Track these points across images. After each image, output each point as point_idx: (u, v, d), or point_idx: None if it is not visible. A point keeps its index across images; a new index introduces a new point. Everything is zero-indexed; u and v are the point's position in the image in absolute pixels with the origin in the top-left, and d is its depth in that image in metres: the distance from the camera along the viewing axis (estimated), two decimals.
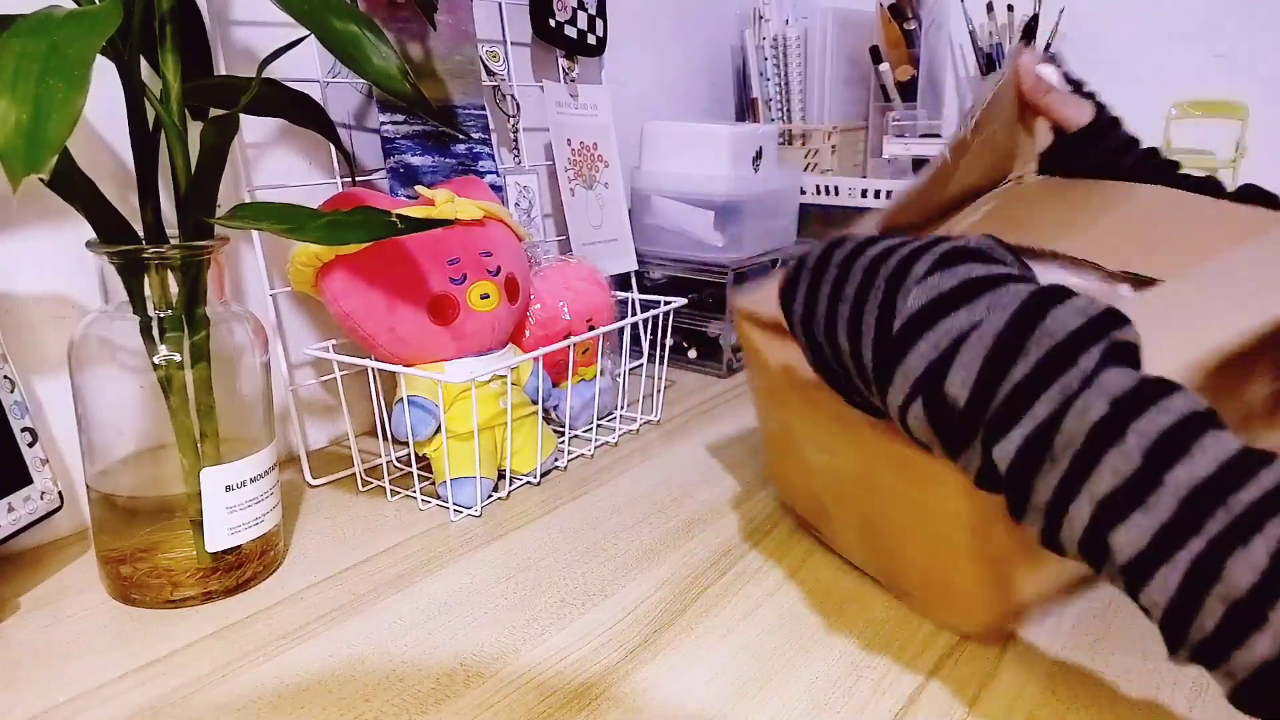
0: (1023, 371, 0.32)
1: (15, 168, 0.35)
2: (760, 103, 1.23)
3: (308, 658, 0.49)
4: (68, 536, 0.62)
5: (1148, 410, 0.31)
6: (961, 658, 0.48)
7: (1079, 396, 0.31)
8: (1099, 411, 0.31)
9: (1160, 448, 0.30)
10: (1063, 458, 0.32)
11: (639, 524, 0.64)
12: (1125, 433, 0.30)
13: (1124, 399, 0.31)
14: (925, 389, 0.35)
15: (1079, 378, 0.32)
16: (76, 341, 0.52)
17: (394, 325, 0.63)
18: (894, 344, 0.35)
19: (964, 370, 0.33)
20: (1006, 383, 0.33)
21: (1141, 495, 0.30)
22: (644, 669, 0.47)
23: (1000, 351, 0.33)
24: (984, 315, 0.33)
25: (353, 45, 0.50)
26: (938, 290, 0.34)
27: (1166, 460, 0.30)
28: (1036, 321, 0.33)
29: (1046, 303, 0.33)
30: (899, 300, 0.35)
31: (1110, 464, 0.30)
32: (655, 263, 1.00)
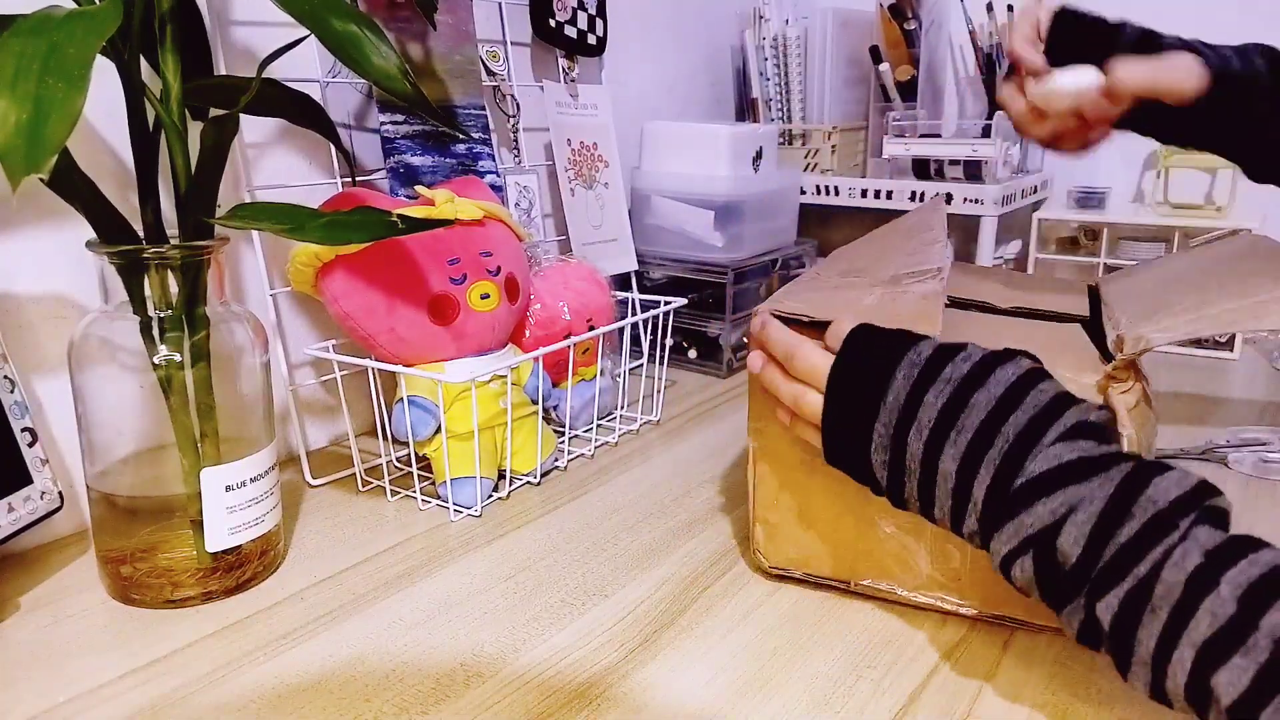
0: (1128, 533, 0.36)
1: (15, 168, 0.35)
2: (760, 103, 1.23)
3: (308, 658, 0.49)
4: (68, 536, 0.62)
5: (1239, 562, 0.34)
6: (961, 658, 0.48)
7: (1175, 550, 0.35)
8: (1194, 562, 0.34)
9: (1253, 595, 0.32)
10: (1162, 609, 0.34)
11: (639, 524, 0.64)
12: (1219, 581, 0.33)
13: (1216, 551, 0.34)
14: (1038, 545, 0.38)
15: (1178, 538, 0.35)
16: (76, 341, 0.52)
17: (394, 325, 0.63)
18: (1013, 498, 0.39)
19: (1075, 530, 0.37)
20: (1113, 544, 0.36)
21: (1239, 639, 0.32)
22: (644, 669, 0.47)
23: (1109, 515, 0.36)
24: (1095, 490, 0.37)
25: (353, 45, 0.50)
26: (1059, 460, 0.38)
27: (1260, 606, 0.32)
28: (1141, 490, 0.36)
29: (1150, 473, 0.37)
30: (1027, 461, 0.39)
31: (1207, 610, 0.33)
32: (655, 263, 1.00)
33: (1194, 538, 0.35)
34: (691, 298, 0.94)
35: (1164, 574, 0.34)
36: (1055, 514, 0.38)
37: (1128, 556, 0.36)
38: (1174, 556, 0.35)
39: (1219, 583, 0.33)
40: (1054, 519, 0.38)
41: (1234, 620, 0.32)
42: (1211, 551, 0.34)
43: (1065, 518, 0.37)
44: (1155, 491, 0.36)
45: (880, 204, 1.13)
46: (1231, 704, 0.32)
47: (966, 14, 1.16)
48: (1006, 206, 1.07)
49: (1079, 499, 0.37)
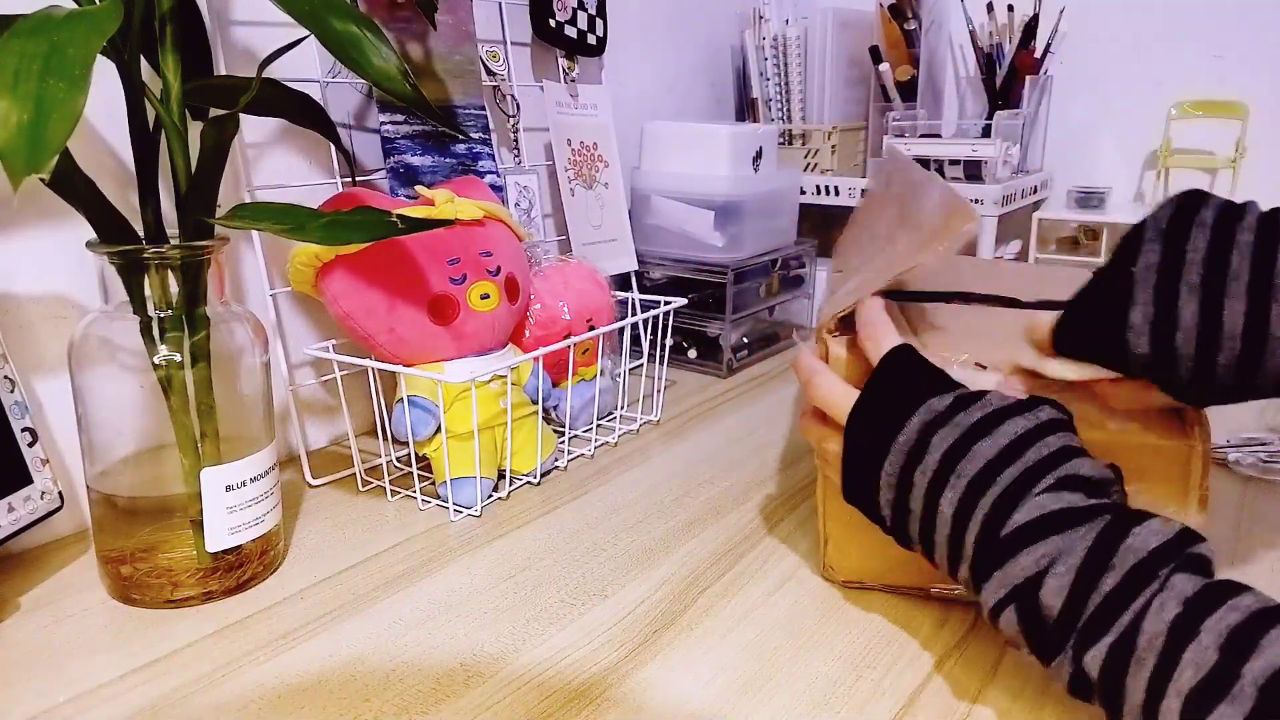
0: (1110, 584, 0.36)
1: (16, 168, 0.35)
2: (760, 103, 1.23)
3: (308, 658, 0.49)
4: (68, 536, 0.62)
5: (1218, 609, 0.34)
6: (961, 658, 0.48)
7: (1154, 599, 0.35)
8: (1173, 612, 0.34)
9: (1234, 642, 0.33)
10: (1148, 659, 0.34)
11: (639, 524, 0.64)
12: (1200, 630, 0.33)
13: (1195, 599, 0.34)
14: (1022, 596, 0.38)
15: (1158, 587, 0.35)
16: (76, 341, 0.52)
17: (394, 325, 0.63)
18: (1000, 549, 0.39)
19: (1057, 581, 0.37)
20: (1096, 594, 0.36)
21: (1224, 688, 0.32)
22: (644, 669, 0.47)
23: (1090, 566, 0.36)
24: (1076, 541, 0.37)
25: (353, 46, 0.50)
26: (1043, 510, 0.38)
27: (1242, 653, 0.32)
28: (1121, 540, 0.37)
29: (1131, 523, 0.37)
30: (1014, 511, 0.39)
31: (1191, 660, 0.33)
32: (655, 263, 1.00)
33: (1173, 586, 0.35)
34: (691, 298, 0.94)
35: (1145, 624, 0.35)
36: (1039, 565, 0.38)
37: (1111, 608, 0.36)
38: (1154, 606, 0.35)
39: (1199, 631, 0.33)
40: (1037, 570, 0.38)
41: (1217, 668, 0.33)
42: (1190, 600, 0.34)
43: (1048, 569, 0.37)
44: (1135, 541, 0.36)
45: None
46: None
47: (966, 14, 1.16)
48: (1006, 206, 1.07)
49: (1060, 550, 0.37)
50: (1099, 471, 0.41)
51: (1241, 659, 0.32)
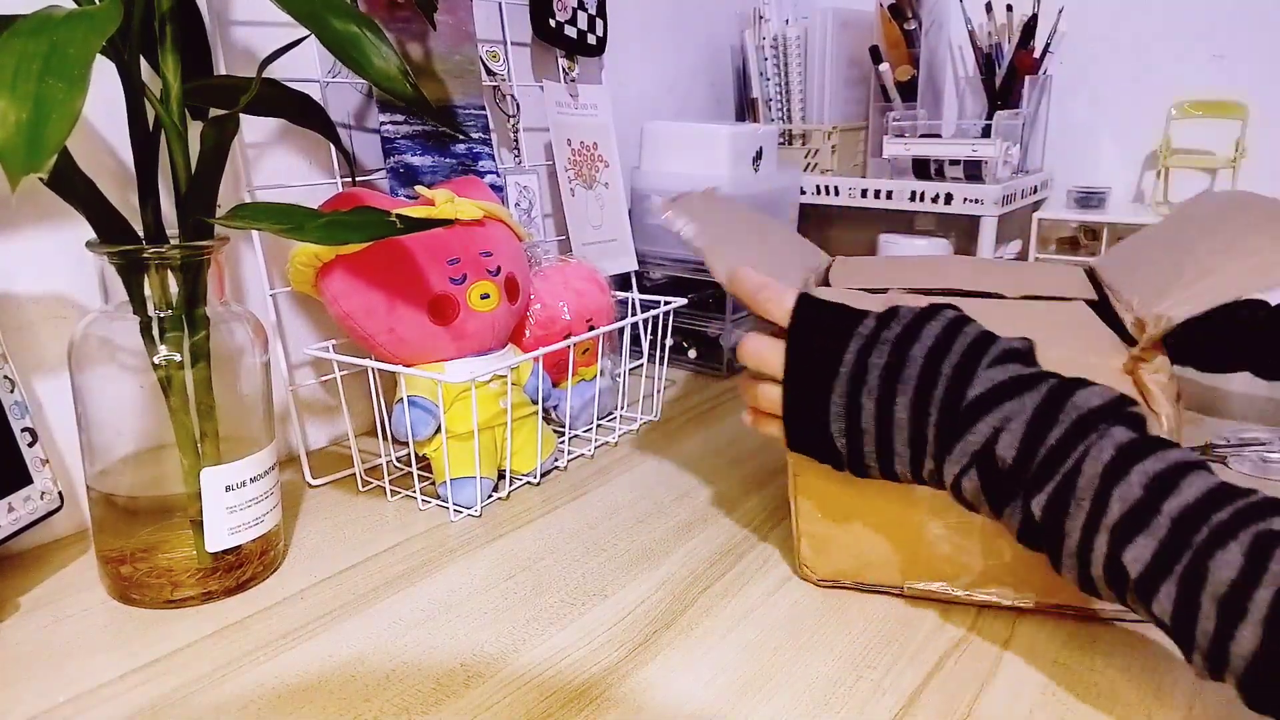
0: (1055, 437, 0.40)
1: (15, 168, 0.35)
2: (760, 103, 1.23)
3: (308, 658, 0.49)
4: (68, 536, 0.62)
5: (1148, 457, 0.38)
6: (961, 658, 0.48)
7: (1094, 447, 0.39)
8: (1108, 455, 0.38)
9: (1157, 482, 0.37)
10: (1085, 500, 0.38)
11: (639, 524, 0.64)
12: (1130, 471, 0.37)
13: (1128, 446, 0.38)
14: (980, 458, 0.42)
15: (1097, 437, 0.39)
16: (76, 341, 0.52)
17: (394, 325, 0.63)
18: (959, 424, 0.42)
19: (1010, 437, 0.41)
20: (1044, 446, 0.40)
21: (1144, 521, 0.36)
22: (644, 669, 0.47)
23: (1038, 422, 0.40)
24: (1026, 402, 0.41)
25: (353, 46, 0.50)
26: (994, 382, 0.42)
27: (1162, 493, 0.37)
28: (1066, 399, 0.41)
29: (1074, 387, 0.41)
30: (966, 390, 0.43)
31: (1118, 497, 0.37)
32: (655, 263, 1.00)
33: (1110, 436, 0.39)
34: (691, 298, 0.94)
35: (1084, 468, 0.38)
36: (993, 427, 0.41)
37: (1056, 457, 0.39)
38: (1092, 452, 0.39)
39: (1129, 473, 0.37)
40: (993, 432, 0.41)
41: (1139, 504, 0.37)
42: (1124, 446, 0.38)
43: (1002, 429, 0.41)
44: (1079, 399, 0.40)
45: (880, 204, 1.13)
46: (1137, 578, 0.37)
47: (966, 14, 1.16)
48: (1006, 206, 1.07)
49: (1013, 412, 0.41)
50: (1024, 344, 0.45)
51: (1162, 497, 0.36)
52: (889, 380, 0.45)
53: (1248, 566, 0.33)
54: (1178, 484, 0.37)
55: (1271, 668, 0.33)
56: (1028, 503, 0.40)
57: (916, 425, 0.44)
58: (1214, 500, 0.36)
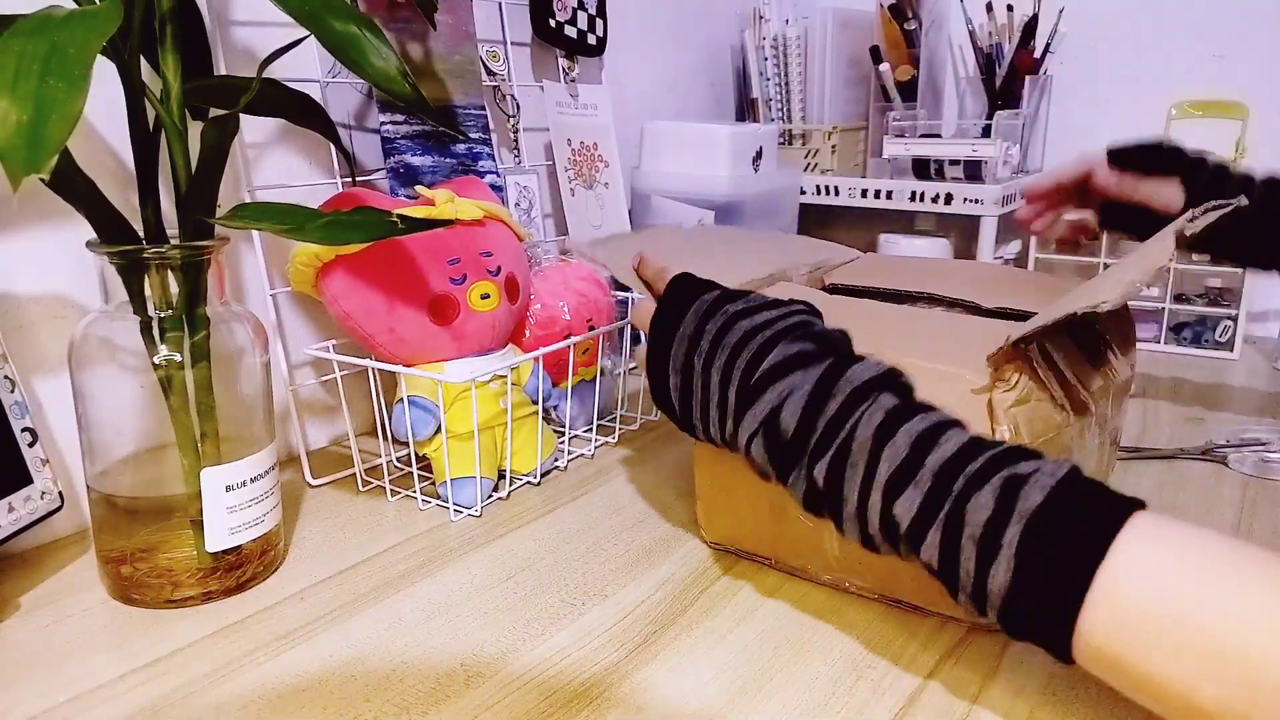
0: (833, 408, 0.42)
1: (15, 168, 0.35)
2: (760, 103, 1.23)
3: (308, 658, 0.49)
4: (68, 536, 0.62)
5: (914, 417, 0.41)
6: (961, 658, 0.48)
7: (866, 413, 0.42)
8: (879, 419, 0.41)
9: (922, 440, 0.40)
10: (860, 462, 0.41)
11: (639, 524, 0.64)
12: (897, 432, 0.40)
13: (896, 410, 0.41)
14: (766, 425, 0.44)
15: (869, 405, 0.42)
16: (76, 341, 0.52)
17: (394, 325, 0.63)
18: (751, 391, 0.45)
19: (792, 408, 0.43)
20: (822, 417, 0.43)
21: (911, 474, 0.39)
22: (644, 669, 0.47)
23: (816, 394, 0.43)
24: (808, 376, 0.44)
25: (352, 46, 0.50)
26: (784, 355, 0.45)
27: (925, 449, 0.39)
28: (842, 374, 0.43)
29: (851, 363, 0.44)
30: (763, 362, 0.45)
31: (888, 455, 0.40)
32: None
33: (880, 402, 0.42)
34: None
35: (857, 433, 0.41)
36: (779, 397, 0.44)
37: (834, 426, 0.42)
38: (865, 418, 0.41)
39: (897, 433, 0.40)
40: (779, 400, 0.44)
41: (906, 461, 0.39)
42: (891, 410, 0.41)
43: (785, 399, 0.44)
44: (853, 374, 0.43)
45: (880, 204, 1.13)
46: (907, 528, 0.39)
47: (966, 14, 1.16)
48: (1006, 206, 1.07)
49: (796, 384, 0.44)
50: (834, 331, 0.47)
51: (925, 452, 0.39)
52: (714, 345, 0.47)
53: (999, 508, 0.36)
54: (938, 440, 0.39)
55: (1024, 597, 0.36)
56: (810, 470, 0.43)
57: (723, 392, 0.47)
58: (969, 452, 0.39)
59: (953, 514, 0.38)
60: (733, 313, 0.48)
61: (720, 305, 0.49)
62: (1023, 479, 0.37)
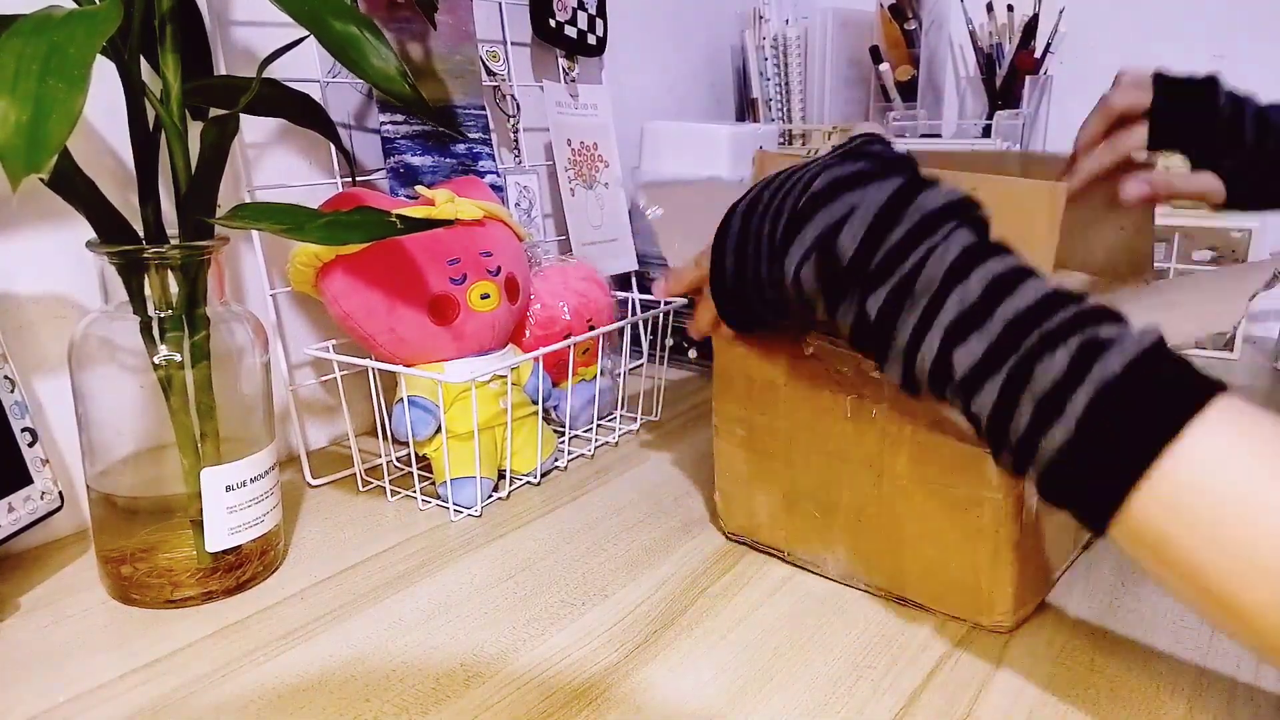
0: (898, 235, 0.39)
1: (15, 168, 0.35)
2: (760, 103, 1.23)
3: (308, 658, 0.49)
4: (68, 536, 0.62)
5: (989, 260, 0.38)
6: (961, 658, 0.48)
7: (937, 248, 0.39)
8: (952, 256, 0.38)
9: (996, 286, 0.37)
10: (921, 299, 0.39)
11: (639, 524, 0.64)
12: (970, 273, 0.38)
13: (972, 248, 0.38)
14: (819, 248, 0.42)
15: (940, 239, 0.39)
16: (76, 341, 0.52)
17: (394, 325, 0.63)
18: (799, 216, 0.43)
19: (851, 231, 0.40)
20: (884, 244, 0.39)
21: (978, 321, 0.37)
22: (644, 669, 0.47)
23: (880, 219, 0.40)
24: (870, 196, 0.41)
25: (352, 46, 0.50)
26: (836, 175, 0.42)
27: (999, 296, 0.37)
28: (911, 199, 0.40)
29: (919, 186, 0.41)
30: (811, 186, 0.43)
31: (956, 298, 0.38)
32: (655, 263, 1.00)
33: (955, 238, 0.39)
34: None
35: (925, 269, 0.38)
36: (834, 217, 0.41)
37: (896, 256, 0.39)
38: (936, 253, 0.38)
39: (970, 274, 0.38)
40: (833, 221, 0.41)
41: (976, 306, 0.37)
42: (968, 248, 0.38)
43: (844, 220, 0.41)
44: (923, 200, 0.40)
45: None
46: (963, 376, 0.37)
47: (966, 14, 1.16)
48: None
49: (855, 204, 0.41)
50: (901, 152, 0.44)
51: (998, 300, 0.37)
52: (769, 204, 0.45)
53: (1071, 370, 0.34)
54: (1015, 287, 0.37)
55: (1078, 462, 0.34)
56: (863, 300, 0.40)
57: (772, 231, 0.45)
58: (1048, 306, 0.36)
59: (1018, 369, 0.36)
60: (786, 174, 0.46)
61: (780, 176, 0.46)
62: (1102, 345, 0.34)
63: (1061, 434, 0.35)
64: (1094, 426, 0.34)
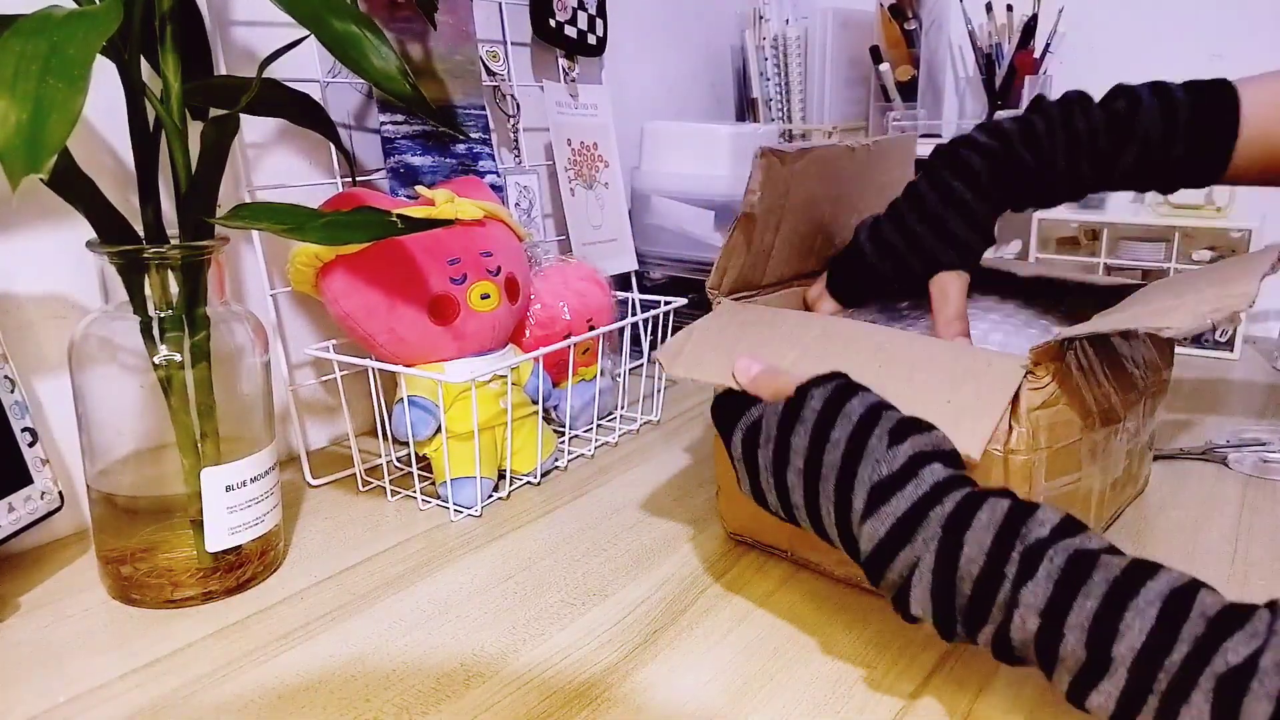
0: (1011, 575, 0.37)
1: (15, 168, 0.35)
2: (760, 103, 1.23)
3: (308, 658, 0.49)
4: (68, 536, 0.62)
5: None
6: (961, 658, 0.48)
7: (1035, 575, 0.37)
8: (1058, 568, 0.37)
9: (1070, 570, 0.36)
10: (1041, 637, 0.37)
11: (639, 524, 0.64)
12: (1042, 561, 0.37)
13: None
14: (896, 601, 0.42)
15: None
16: (76, 341, 0.52)
17: (394, 325, 0.63)
18: (874, 557, 0.42)
19: (967, 569, 0.39)
20: (1000, 590, 0.38)
21: (1104, 668, 0.35)
22: (644, 669, 0.47)
23: (992, 560, 0.38)
24: (978, 537, 0.39)
25: (352, 46, 0.50)
26: (894, 518, 0.41)
27: (1116, 638, 0.35)
28: (1016, 531, 0.38)
29: (1021, 515, 0.39)
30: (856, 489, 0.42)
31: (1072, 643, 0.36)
32: (655, 263, 1.00)
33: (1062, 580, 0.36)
34: (691, 297, 0.94)
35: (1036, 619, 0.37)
36: (907, 565, 0.40)
37: (1011, 603, 0.37)
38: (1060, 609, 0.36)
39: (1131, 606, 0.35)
40: (946, 560, 0.39)
41: (1096, 656, 0.35)
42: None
43: (957, 556, 0.39)
44: (1028, 531, 0.38)
45: None
46: (1098, 710, 0.36)
47: (966, 14, 1.16)
48: None
49: (970, 557, 0.38)
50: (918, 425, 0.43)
51: (1111, 641, 0.35)
52: (814, 468, 0.44)
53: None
54: (1173, 635, 0.34)
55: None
56: (974, 633, 0.39)
57: (842, 515, 0.43)
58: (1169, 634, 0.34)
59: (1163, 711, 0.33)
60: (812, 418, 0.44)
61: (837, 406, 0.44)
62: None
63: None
64: None
